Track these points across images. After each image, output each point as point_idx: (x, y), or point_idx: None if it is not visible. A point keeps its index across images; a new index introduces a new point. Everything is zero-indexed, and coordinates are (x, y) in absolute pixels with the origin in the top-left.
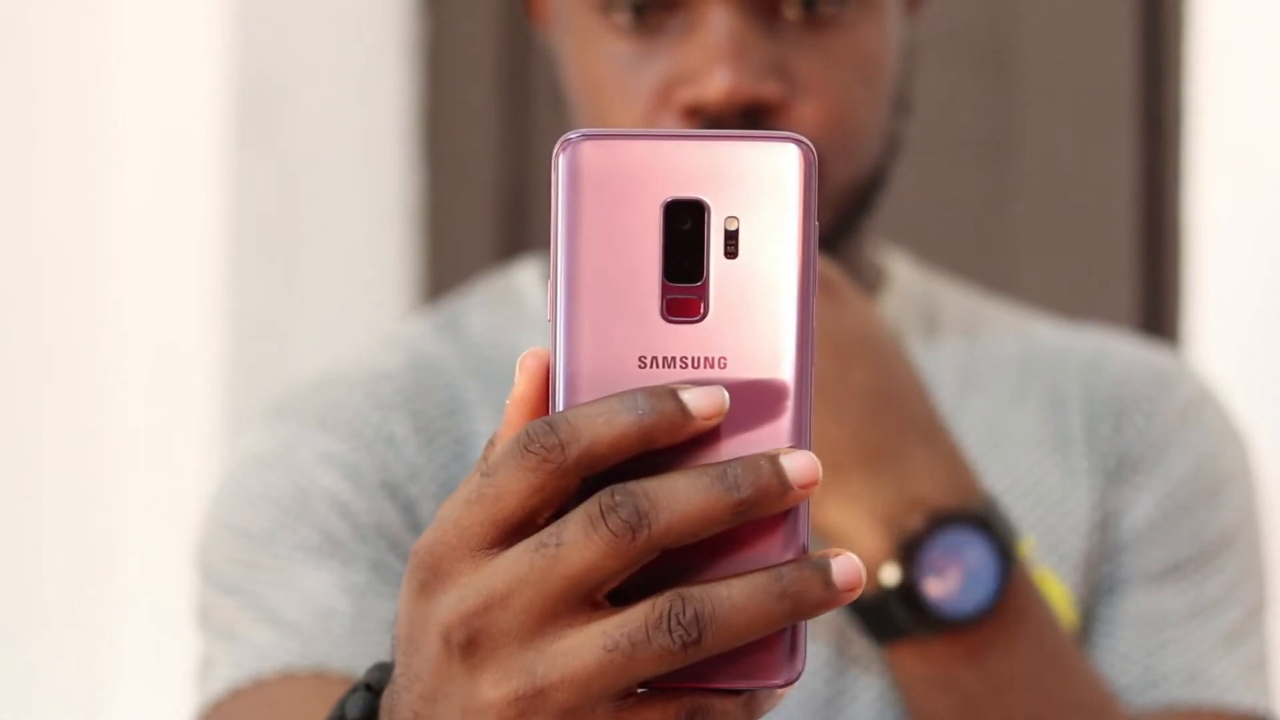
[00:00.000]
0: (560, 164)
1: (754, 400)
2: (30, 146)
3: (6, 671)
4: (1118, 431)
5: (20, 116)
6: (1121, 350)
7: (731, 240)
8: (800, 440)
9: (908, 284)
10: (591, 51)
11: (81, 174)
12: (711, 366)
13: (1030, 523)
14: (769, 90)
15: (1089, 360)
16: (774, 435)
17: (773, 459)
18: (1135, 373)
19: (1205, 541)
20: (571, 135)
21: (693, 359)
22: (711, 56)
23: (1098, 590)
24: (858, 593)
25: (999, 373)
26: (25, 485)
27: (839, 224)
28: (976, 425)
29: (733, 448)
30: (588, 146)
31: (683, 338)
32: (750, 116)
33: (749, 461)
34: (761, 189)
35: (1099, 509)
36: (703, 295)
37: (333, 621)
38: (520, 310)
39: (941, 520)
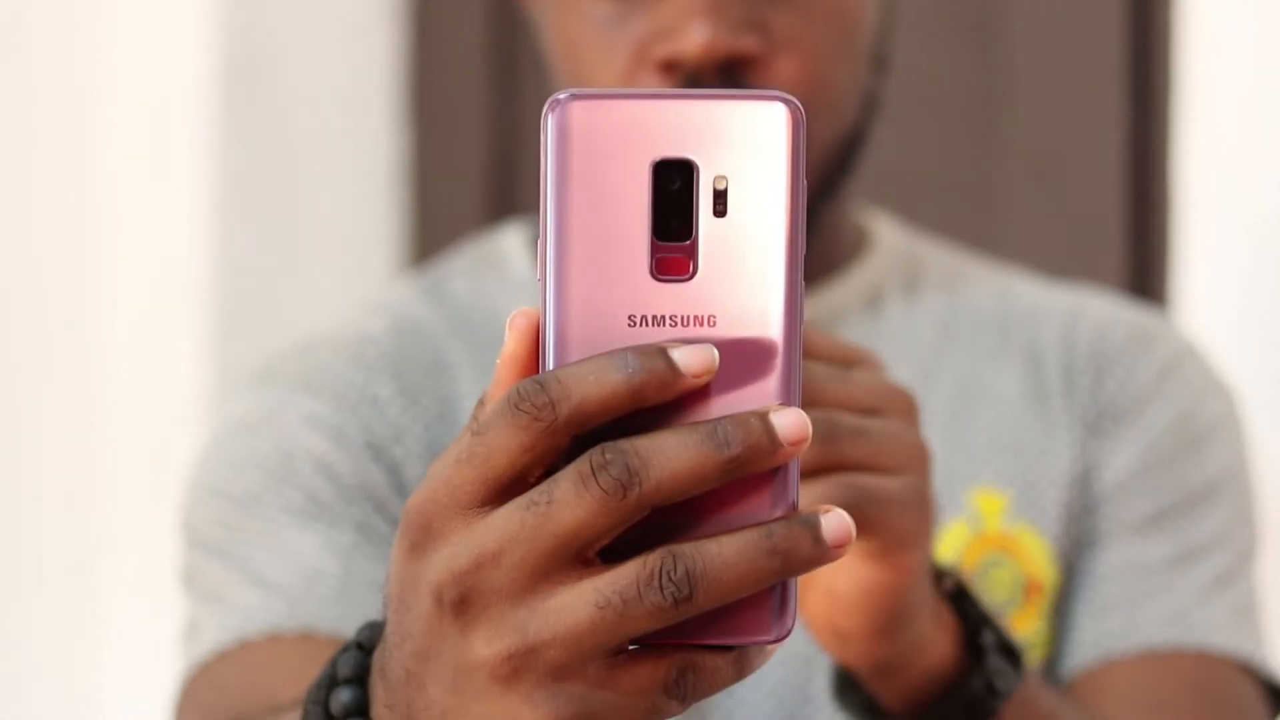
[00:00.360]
0: (549, 124)
1: (743, 358)
2: (18, 113)
3: None
4: (1098, 385)
5: (8, 83)
6: (1101, 307)
7: (720, 199)
8: (789, 398)
9: (891, 244)
10: (570, 14)
11: (69, 141)
12: (701, 325)
13: (1009, 477)
14: (746, 44)
15: (1068, 316)
16: (763, 393)
17: (762, 416)
18: (1115, 328)
19: (1189, 491)
20: (560, 95)
21: (682, 318)
22: (688, 12)
23: (1080, 544)
24: (847, 549)
25: (979, 328)
26: (11, 454)
27: (821, 183)
28: (956, 380)
29: (722, 405)
30: (576, 106)
31: (672, 296)
32: (728, 71)
33: (739, 419)
34: (750, 148)
35: (1079, 462)
36: (692, 254)
37: (319, 583)
38: (504, 274)
39: (954, 575)
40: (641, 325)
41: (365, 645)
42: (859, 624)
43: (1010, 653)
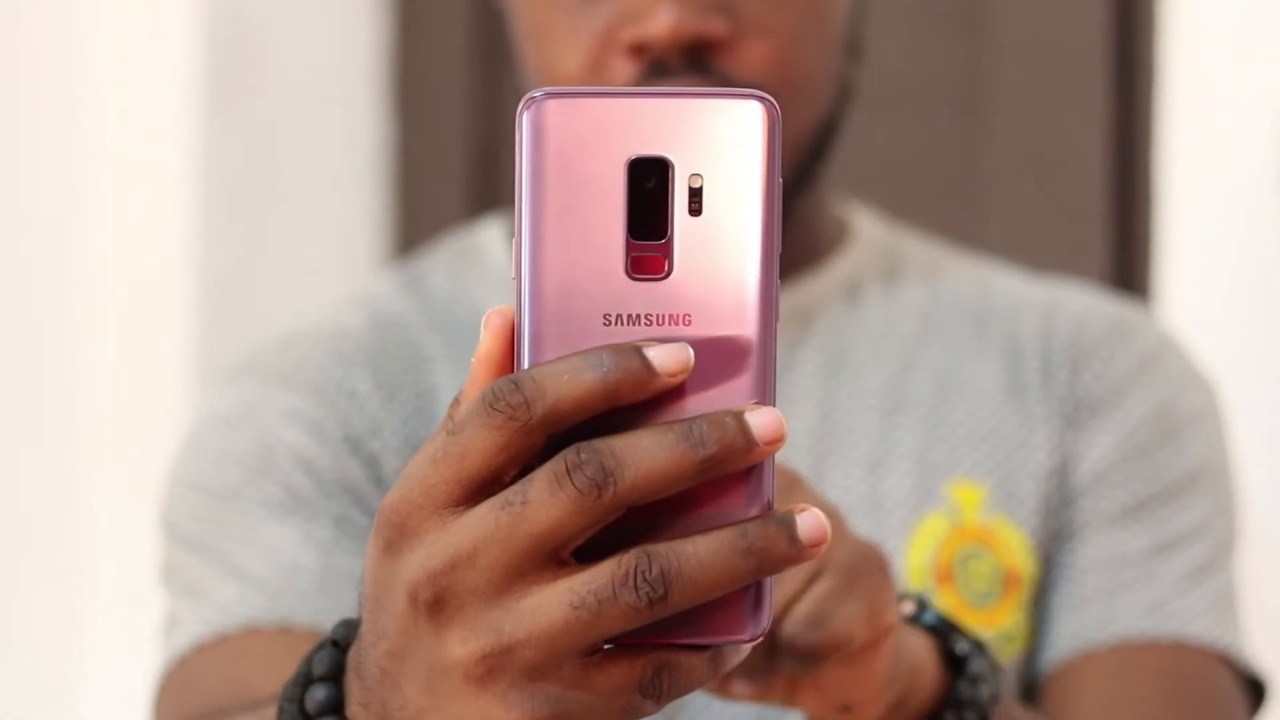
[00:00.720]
0: (524, 122)
1: (718, 357)
2: (2, 106)
3: None
4: (1075, 377)
5: None
6: (1079, 299)
7: (695, 198)
8: (765, 397)
9: (870, 236)
10: (537, 0)
11: (53, 129)
12: (676, 324)
13: (987, 469)
14: (713, 27)
15: (1046, 308)
16: (738, 392)
17: (738, 415)
18: (1093, 320)
19: (1167, 481)
20: (535, 94)
21: (657, 316)
22: None
23: (1059, 537)
24: (822, 548)
25: (958, 321)
26: None
27: (795, 172)
28: (935, 373)
29: (697, 404)
30: (551, 105)
31: (647, 295)
32: (695, 54)
33: (714, 418)
34: (725, 146)
35: (1056, 454)
36: (667, 253)
37: (297, 577)
38: (484, 268)
39: (910, 595)
40: (617, 324)
41: (340, 643)
42: (864, 691)
43: (987, 656)
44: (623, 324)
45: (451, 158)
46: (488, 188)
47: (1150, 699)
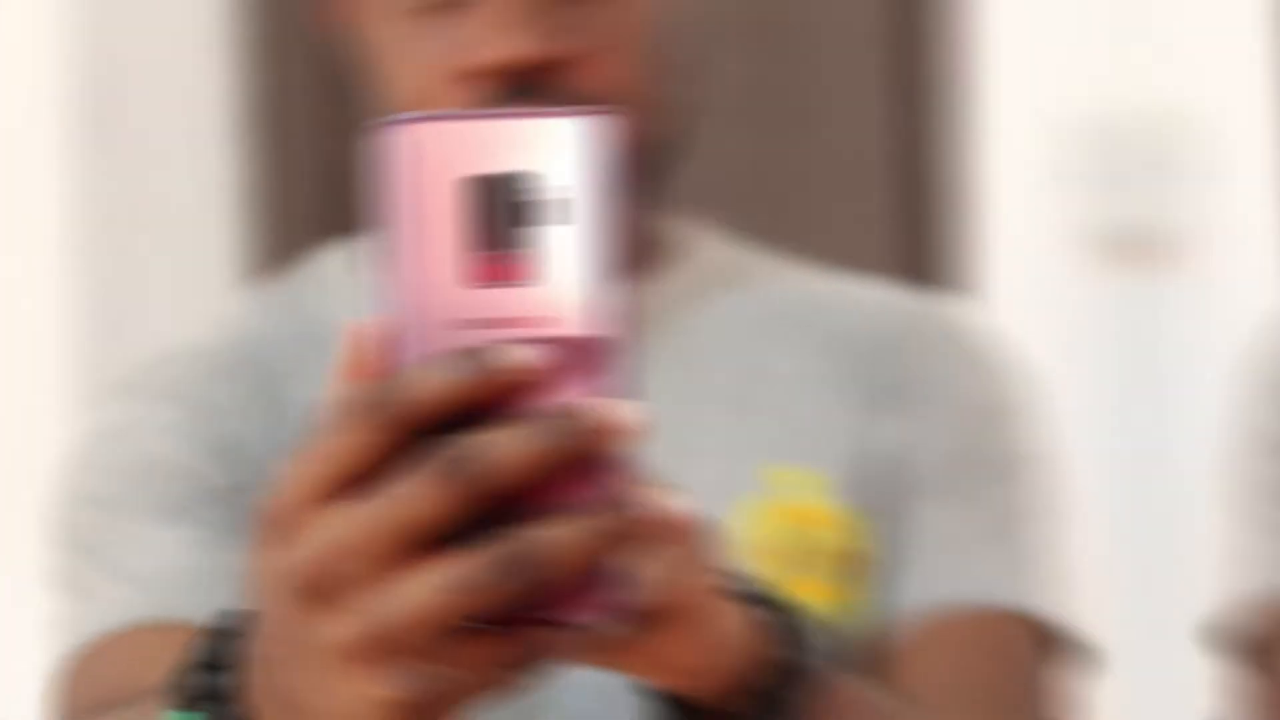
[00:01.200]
0: (379, 147)
1: (572, 356)
2: None
3: None
4: (876, 366)
5: None
6: (882, 295)
7: (545, 209)
8: (616, 391)
9: (705, 249)
10: (380, 31)
11: None
12: (531, 326)
13: (809, 454)
14: (551, 52)
15: (851, 304)
16: (593, 388)
17: (590, 408)
18: (892, 314)
19: (973, 461)
20: (387, 119)
21: (512, 320)
22: (491, 23)
23: (874, 515)
24: (683, 529)
25: (781, 321)
26: None
27: (634, 186)
28: (745, 366)
29: (554, 400)
30: (403, 129)
31: (501, 301)
32: (536, 76)
33: (567, 410)
34: (571, 160)
35: (873, 439)
36: (520, 261)
37: (180, 576)
38: (337, 288)
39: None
40: (473, 329)
41: (221, 631)
42: (687, 658)
43: (807, 624)
44: (479, 329)
45: (305, 183)
46: (340, 212)
47: (958, 664)
